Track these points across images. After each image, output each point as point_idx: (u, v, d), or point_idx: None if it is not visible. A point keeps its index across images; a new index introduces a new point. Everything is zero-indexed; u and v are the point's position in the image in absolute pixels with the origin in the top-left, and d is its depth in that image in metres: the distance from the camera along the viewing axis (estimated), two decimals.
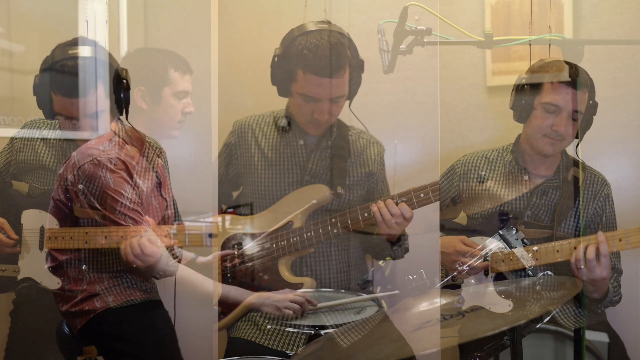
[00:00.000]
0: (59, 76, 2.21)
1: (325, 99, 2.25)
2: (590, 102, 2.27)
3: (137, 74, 2.25)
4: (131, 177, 2.12)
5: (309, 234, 2.27)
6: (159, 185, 2.25)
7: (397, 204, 2.19)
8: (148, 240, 2.02)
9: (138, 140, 2.24)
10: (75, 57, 2.23)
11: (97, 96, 2.22)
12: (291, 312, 2.16)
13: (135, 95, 2.24)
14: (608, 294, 2.20)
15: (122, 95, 2.14)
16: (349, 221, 2.25)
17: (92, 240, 2.08)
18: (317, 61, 2.19)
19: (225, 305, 2.29)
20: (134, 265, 2.06)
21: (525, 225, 2.28)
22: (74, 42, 2.26)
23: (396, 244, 2.34)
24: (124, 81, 2.15)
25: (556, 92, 2.24)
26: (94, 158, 2.09)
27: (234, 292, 2.28)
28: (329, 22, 2.29)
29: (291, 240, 2.28)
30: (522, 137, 2.40)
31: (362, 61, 2.31)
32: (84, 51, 2.25)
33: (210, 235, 2.06)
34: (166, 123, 2.32)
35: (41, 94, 2.28)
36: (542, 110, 2.27)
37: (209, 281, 2.25)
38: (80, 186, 2.08)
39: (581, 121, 2.27)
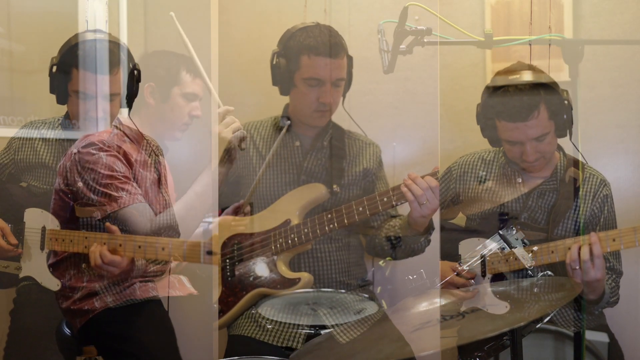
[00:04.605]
0: (87, 52, 2.26)
1: (329, 81, 2.32)
2: (566, 102, 2.19)
3: (149, 71, 2.29)
4: (128, 161, 2.15)
5: (305, 231, 2.28)
6: (159, 181, 2.25)
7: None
8: (109, 250, 2.04)
9: (138, 136, 2.25)
10: (104, 40, 2.29)
11: (120, 77, 2.26)
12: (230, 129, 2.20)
13: (144, 90, 2.26)
14: (604, 295, 2.17)
15: (133, 88, 2.17)
16: (345, 216, 2.26)
17: (92, 245, 2.08)
18: (320, 44, 2.30)
19: (225, 304, 2.29)
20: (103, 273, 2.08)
21: (521, 227, 2.26)
22: (97, 30, 2.35)
23: (424, 235, 2.32)
24: (136, 73, 2.19)
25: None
26: (89, 142, 2.12)
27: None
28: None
29: (289, 237, 2.30)
30: None
31: (351, 57, 2.40)
32: (109, 36, 2.32)
33: (209, 253, 2.06)
34: (171, 122, 2.34)
35: (59, 73, 2.29)
36: None
37: (197, 188, 2.24)
38: (77, 168, 2.09)
39: (564, 120, 2.20)
